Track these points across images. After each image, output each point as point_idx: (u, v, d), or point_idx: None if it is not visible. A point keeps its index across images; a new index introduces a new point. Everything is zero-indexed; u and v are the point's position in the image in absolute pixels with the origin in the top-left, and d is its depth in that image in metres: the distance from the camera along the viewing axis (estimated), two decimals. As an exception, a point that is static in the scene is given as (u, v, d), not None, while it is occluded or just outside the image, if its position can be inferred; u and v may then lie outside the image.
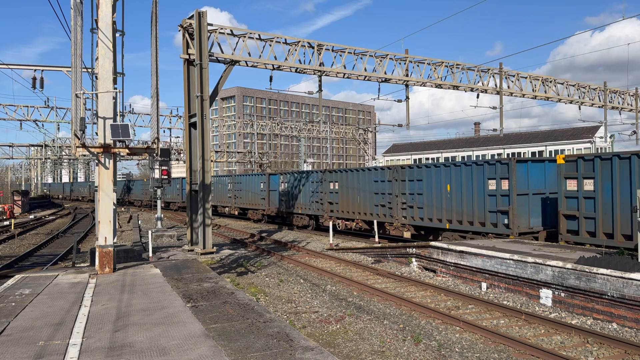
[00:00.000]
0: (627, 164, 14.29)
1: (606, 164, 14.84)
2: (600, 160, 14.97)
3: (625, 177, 14.35)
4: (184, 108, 21.85)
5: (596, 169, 14.99)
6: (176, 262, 15.65)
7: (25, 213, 55.44)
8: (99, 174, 13.46)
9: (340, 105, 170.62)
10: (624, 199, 14.29)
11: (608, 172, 14.76)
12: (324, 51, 24.08)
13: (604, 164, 14.89)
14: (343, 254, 20.95)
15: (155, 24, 14.24)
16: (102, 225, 13.45)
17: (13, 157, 53.92)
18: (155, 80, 14.14)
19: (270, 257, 21.26)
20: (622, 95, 38.76)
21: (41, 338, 7.77)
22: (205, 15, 20.38)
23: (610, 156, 14.76)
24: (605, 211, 14.76)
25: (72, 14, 12.96)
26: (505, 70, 30.31)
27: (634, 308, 10.36)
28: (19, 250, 24.65)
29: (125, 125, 13.15)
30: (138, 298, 10.48)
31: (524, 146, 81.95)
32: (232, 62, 21.83)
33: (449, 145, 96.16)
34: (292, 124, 62.47)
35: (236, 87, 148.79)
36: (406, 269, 17.53)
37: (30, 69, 20.09)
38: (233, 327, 8.30)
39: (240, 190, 39.98)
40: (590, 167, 15.23)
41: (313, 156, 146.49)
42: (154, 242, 22.09)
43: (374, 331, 10.53)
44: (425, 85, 27.58)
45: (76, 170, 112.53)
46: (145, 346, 7.29)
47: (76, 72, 12.89)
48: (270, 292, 14.55)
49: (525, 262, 12.91)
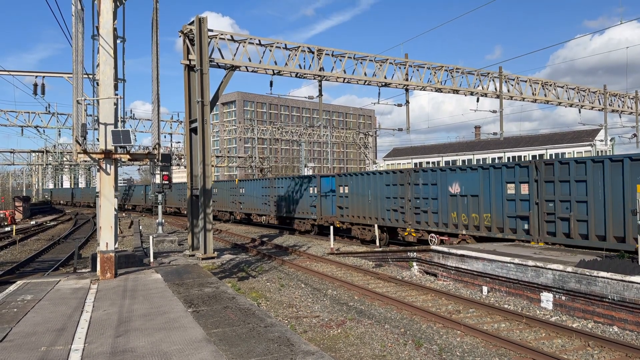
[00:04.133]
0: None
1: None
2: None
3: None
4: (184, 113, 21.92)
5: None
6: (177, 267, 15.67)
7: (27, 219, 55.46)
8: (100, 180, 13.51)
9: (341, 109, 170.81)
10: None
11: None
12: (324, 56, 24.16)
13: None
14: (344, 258, 20.95)
15: (156, 30, 14.31)
16: (103, 231, 13.48)
17: (14, 163, 54.14)
18: (156, 86, 14.20)
19: (271, 261, 21.27)
20: (622, 98, 38.80)
21: (43, 344, 7.79)
22: (205, 21, 20.48)
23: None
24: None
25: (73, 21, 13.03)
26: (505, 74, 30.38)
27: (635, 311, 10.36)
28: (21, 256, 24.67)
29: (127, 131, 13.20)
30: (139, 303, 10.50)
31: (525, 149, 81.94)
32: (233, 67, 21.91)
33: (450, 149, 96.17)
34: (293, 128, 62.61)
35: (237, 92, 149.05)
36: (407, 273, 17.54)
37: (32, 75, 20.16)
38: (234, 331, 8.31)
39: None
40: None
41: (314, 160, 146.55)
42: (155, 247, 22.12)
43: (375, 335, 10.54)
44: (425, 90, 27.65)
45: (77, 176, 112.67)
46: (147, 351, 7.31)
47: (77, 79, 12.95)
48: (271, 296, 14.56)
49: (526, 266, 12.92)
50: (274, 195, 34.94)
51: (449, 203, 20.02)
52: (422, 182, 21.62)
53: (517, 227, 17.25)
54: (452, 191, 19.91)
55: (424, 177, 21.57)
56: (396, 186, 23.08)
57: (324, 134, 62.90)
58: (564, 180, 15.64)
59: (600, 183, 14.65)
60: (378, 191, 24.30)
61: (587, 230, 14.93)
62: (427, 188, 21.27)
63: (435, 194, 20.83)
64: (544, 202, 16.16)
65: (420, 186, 21.67)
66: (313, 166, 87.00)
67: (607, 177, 14.49)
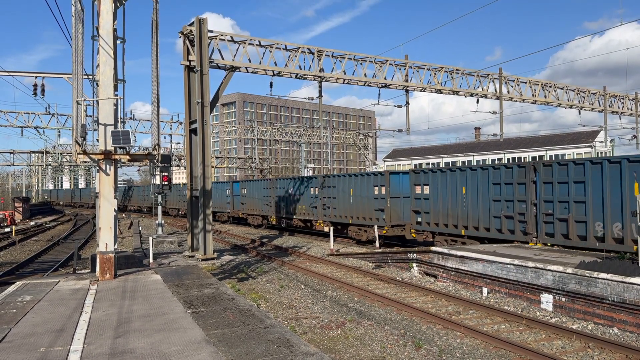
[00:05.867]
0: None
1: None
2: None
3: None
4: (184, 114, 21.91)
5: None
6: (177, 268, 15.65)
7: (26, 219, 55.45)
8: (99, 181, 13.49)
9: (341, 110, 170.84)
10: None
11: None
12: (324, 57, 24.16)
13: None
14: (344, 259, 20.94)
15: (156, 31, 14.30)
16: (102, 232, 13.47)
17: (14, 164, 54.06)
18: (156, 87, 14.19)
19: (271, 262, 21.25)
20: (621, 99, 38.82)
21: (42, 344, 7.77)
22: (205, 22, 20.48)
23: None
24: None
25: (73, 22, 13.03)
26: (505, 75, 30.39)
27: (635, 312, 10.35)
28: (20, 257, 24.65)
29: (126, 131, 13.19)
30: (139, 304, 10.49)
31: (524, 151, 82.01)
32: (233, 68, 21.91)
33: (450, 150, 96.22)
34: (293, 129, 62.60)
35: (237, 93, 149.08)
36: (407, 274, 17.52)
37: (31, 75, 20.15)
38: (234, 332, 8.30)
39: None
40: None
41: (313, 161, 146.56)
42: (154, 248, 22.11)
43: (375, 337, 10.52)
44: (425, 91, 27.66)
45: (77, 176, 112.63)
46: (146, 352, 7.30)
47: (77, 79, 12.94)
48: (271, 297, 14.54)
49: (526, 267, 12.91)
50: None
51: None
52: (557, 180, 15.87)
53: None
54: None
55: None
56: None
57: (323, 135, 62.90)
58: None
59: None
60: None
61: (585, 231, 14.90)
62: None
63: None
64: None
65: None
66: (313, 167, 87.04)
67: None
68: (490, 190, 18.17)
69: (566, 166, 15.60)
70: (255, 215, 37.78)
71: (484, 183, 18.48)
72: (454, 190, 19.62)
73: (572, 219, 15.23)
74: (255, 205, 37.70)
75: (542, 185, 16.27)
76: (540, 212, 16.25)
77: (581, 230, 15.04)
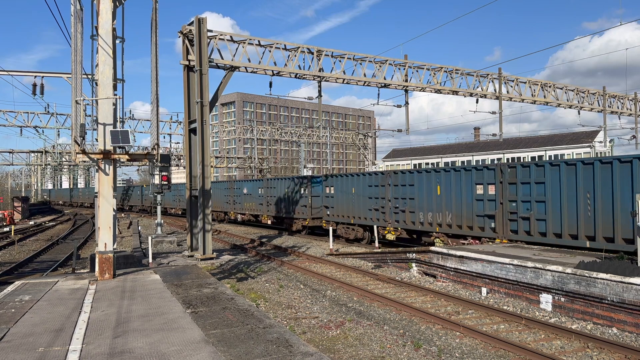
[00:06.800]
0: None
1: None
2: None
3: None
4: (184, 114, 21.90)
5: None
6: (176, 268, 15.64)
7: (25, 219, 55.43)
8: (99, 180, 13.48)
9: (340, 110, 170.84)
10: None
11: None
12: (323, 57, 24.15)
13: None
14: (343, 259, 20.94)
15: (155, 30, 14.30)
16: (102, 231, 13.46)
17: (13, 164, 53.99)
18: (155, 87, 14.19)
19: (270, 262, 21.25)
20: (621, 99, 38.84)
21: (41, 344, 7.77)
22: (205, 22, 20.46)
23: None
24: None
25: (72, 21, 13.02)
26: (505, 76, 30.40)
27: (634, 312, 10.35)
28: (19, 256, 24.64)
29: (125, 131, 13.18)
30: (138, 304, 10.48)
31: (524, 151, 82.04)
32: (232, 68, 21.90)
33: (449, 150, 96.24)
34: (292, 129, 62.59)
35: (236, 93, 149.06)
36: (406, 274, 17.52)
37: (31, 75, 20.15)
38: (233, 332, 8.29)
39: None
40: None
41: (313, 161, 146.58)
42: (154, 248, 22.10)
43: (374, 337, 10.52)
44: (424, 91, 27.65)
45: (76, 176, 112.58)
46: (145, 352, 7.29)
47: (76, 79, 12.93)
48: (270, 297, 14.53)
49: (525, 267, 12.91)
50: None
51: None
52: (521, 180, 16.54)
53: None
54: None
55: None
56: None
57: (323, 135, 62.90)
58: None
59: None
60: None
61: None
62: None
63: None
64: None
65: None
66: (312, 167, 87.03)
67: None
68: (365, 191, 24.46)
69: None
70: (218, 212, 45.40)
71: (364, 186, 24.69)
72: (349, 190, 25.89)
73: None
74: (219, 204, 45.47)
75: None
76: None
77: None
